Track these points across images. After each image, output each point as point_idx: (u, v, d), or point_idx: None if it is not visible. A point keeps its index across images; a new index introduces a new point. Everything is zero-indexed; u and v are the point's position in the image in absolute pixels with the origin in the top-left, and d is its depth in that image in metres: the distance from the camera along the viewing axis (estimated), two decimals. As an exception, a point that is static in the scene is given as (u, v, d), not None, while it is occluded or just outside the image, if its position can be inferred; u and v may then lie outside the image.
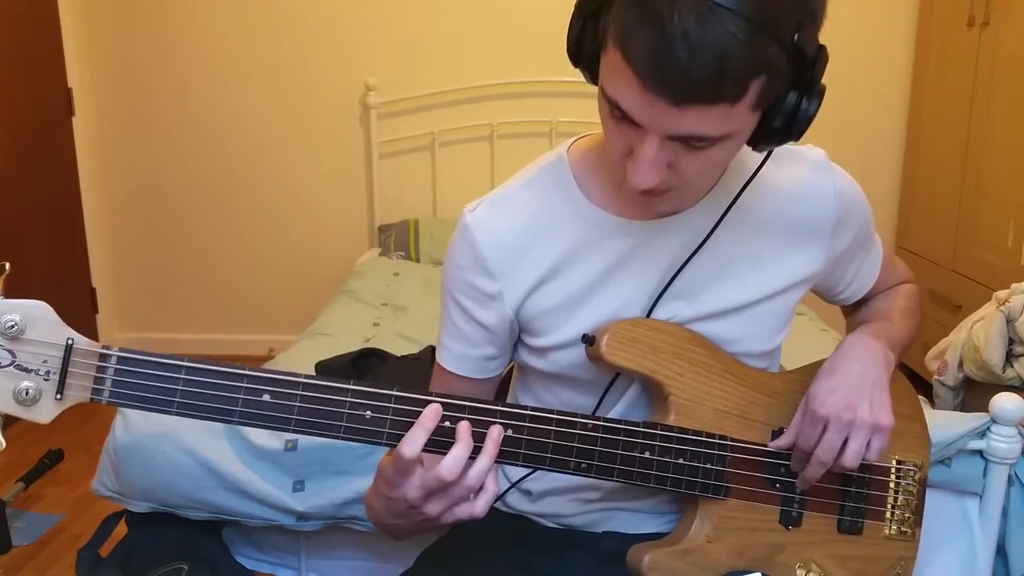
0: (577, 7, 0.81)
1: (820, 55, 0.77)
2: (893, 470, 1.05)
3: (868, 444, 0.94)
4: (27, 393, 0.75)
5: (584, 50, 0.81)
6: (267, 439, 1.47)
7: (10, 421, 0.77)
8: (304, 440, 1.46)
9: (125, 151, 3.49)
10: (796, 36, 0.73)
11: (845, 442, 0.94)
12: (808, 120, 0.79)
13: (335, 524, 1.48)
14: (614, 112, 0.79)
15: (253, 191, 3.51)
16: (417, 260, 3.22)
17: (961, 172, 2.89)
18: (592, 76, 0.83)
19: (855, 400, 0.94)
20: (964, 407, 1.98)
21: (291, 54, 3.38)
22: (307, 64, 3.38)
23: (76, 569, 1.50)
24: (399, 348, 2.04)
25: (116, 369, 0.79)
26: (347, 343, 2.15)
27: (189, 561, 1.45)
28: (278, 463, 1.46)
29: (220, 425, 1.48)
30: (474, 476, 0.83)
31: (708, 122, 0.75)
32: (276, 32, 3.36)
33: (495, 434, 0.85)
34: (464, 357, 1.00)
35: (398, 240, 3.28)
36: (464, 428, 0.85)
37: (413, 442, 0.82)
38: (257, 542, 1.59)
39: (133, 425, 1.48)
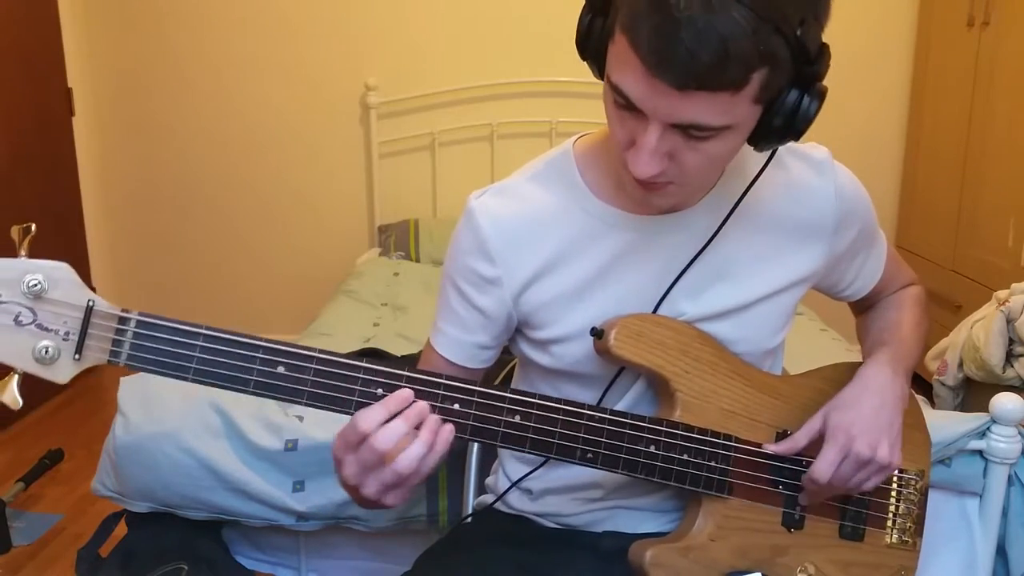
0: (588, 2, 0.82)
1: (823, 53, 0.78)
2: (895, 479, 1.05)
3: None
4: (46, 352, 0.76)
5: (592, 43, 0.83)
6: (267, 439, 1.47)
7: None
8: (304, 440, 1.46)
9: (125, 151, 3.48)
10: (799, 31, 0.74)
11: None
12: (808, 120, 0.80)
13: (335, 524, 1.48)
14: (618, 100, 0.80)
15: (253, 191, 3.51)
16: (417, 260, 3.22)
17: (961, 172, 2.88)
18: (599, 70, 0.85)
19: (876, 440, 0.95)
20: (964, 407, 1.99)
21: (291, 54, 3.38)
22: (307, 64, 3.38)
23: (76, 569, 1.50)
24: (399, 348, 2.05)
25: (135, 332, 0.79)
26: (347, 343, 2.16)
27: (189, 561, 1.45)
28: (278, 463, 1.46)
29: (220, 425, 1.48)
30: (403, 461, 0.81)
31: (710, 110, 0.76)
32: (276, 32, 3.36)
33: (445, 433, 0.83)
34: (458, 343, 1.01)
35: (398, 240, 3.28)
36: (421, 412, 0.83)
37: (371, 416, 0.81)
38: (257, 542, 1.59)
39: (133, 425, 1.48)
